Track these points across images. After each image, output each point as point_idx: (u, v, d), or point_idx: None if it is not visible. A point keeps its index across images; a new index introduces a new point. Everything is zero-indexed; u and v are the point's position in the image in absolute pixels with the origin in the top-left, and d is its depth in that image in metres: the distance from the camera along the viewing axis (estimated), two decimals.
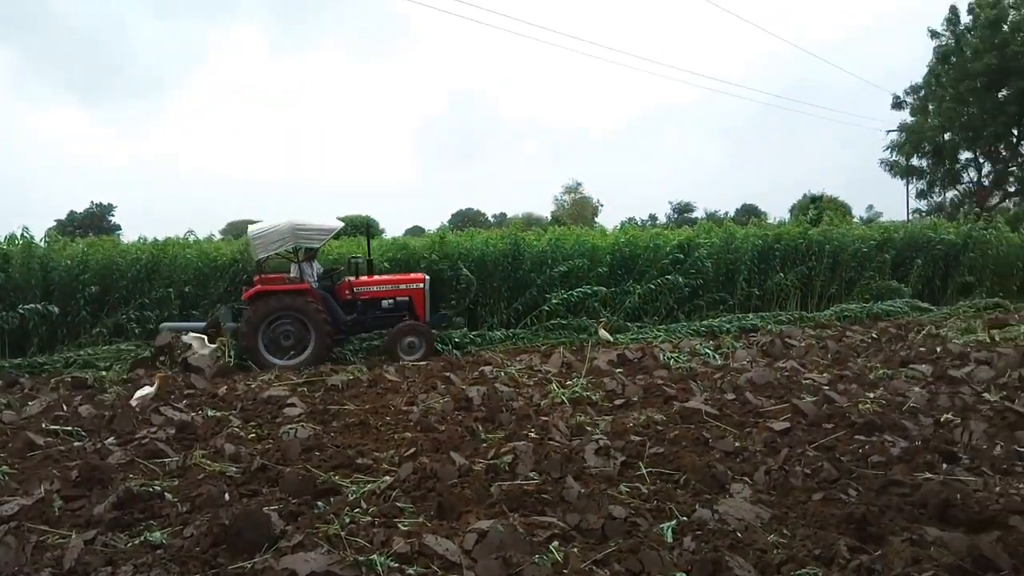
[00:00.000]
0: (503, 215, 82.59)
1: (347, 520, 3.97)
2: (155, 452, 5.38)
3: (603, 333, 11.72)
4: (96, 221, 54.03)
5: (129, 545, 3.75)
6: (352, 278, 11.39)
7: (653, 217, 69.39)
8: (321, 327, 10.27)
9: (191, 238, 13.45)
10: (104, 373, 9.80)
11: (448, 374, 8.44)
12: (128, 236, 18.79)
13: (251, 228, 10.96)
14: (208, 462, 5.12)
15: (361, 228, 15.16)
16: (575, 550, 3.51)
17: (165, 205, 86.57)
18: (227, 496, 4.39)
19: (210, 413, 6.80)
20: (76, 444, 5.91)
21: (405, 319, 11.06)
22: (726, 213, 62.39)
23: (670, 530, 3.72)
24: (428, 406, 6.79)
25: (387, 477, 4.70)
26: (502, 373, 8.50)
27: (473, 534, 3.56)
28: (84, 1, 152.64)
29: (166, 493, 4.50)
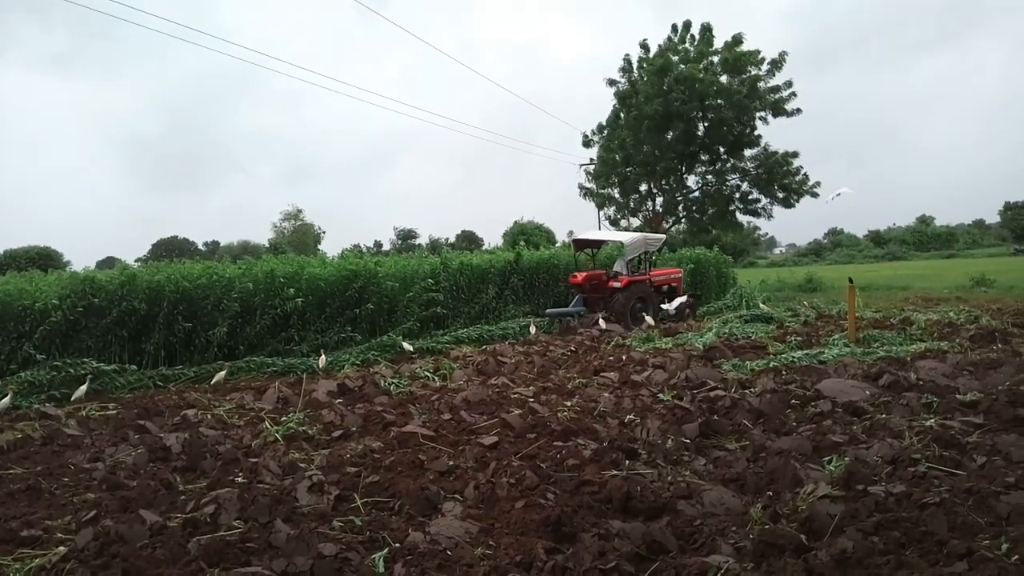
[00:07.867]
0: (216, 243, 77.09)
1: None
2: None
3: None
4: None
5: None
6: (647, 271, 17.36)
7: (378, 244, 69.93)
8: (655, 305, 16.52)
9: None
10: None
11: (143, 422, 7.54)
12: None
13: (625, 239, 16.96)
14: None
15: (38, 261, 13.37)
16: None
17: None
18: None
19: None
20: None
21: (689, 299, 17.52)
22: (447, 239, 64.99)
23: (382, 560, 3.71)
24: (117, 460, 6.03)
25: (61, 548, 4.08)
26: (208, 415, 7.84)
27: None
28: None
29: None
